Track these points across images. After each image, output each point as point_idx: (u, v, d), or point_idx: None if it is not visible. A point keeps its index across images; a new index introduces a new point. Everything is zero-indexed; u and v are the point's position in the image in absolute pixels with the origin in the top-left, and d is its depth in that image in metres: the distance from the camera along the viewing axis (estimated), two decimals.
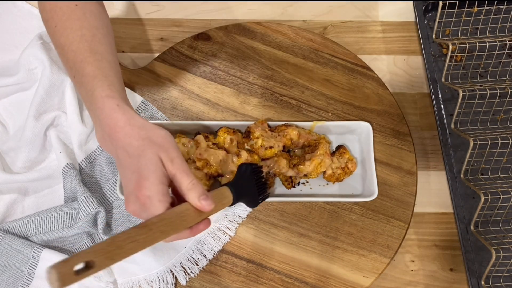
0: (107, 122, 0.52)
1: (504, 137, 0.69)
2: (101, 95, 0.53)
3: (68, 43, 0.56)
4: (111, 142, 0.53)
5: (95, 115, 0.54)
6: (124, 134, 0.51)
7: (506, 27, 0.83)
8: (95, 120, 0.55)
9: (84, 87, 0.55)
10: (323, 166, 0.69)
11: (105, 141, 0.54)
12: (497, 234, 0.70)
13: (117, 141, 0.51)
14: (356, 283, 0.67)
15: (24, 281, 0.66)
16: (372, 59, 0.83)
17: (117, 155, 0.52)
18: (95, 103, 0.53)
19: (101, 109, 0.53)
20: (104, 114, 0.52)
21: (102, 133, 0.54)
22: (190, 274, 0.67)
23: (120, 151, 0.51)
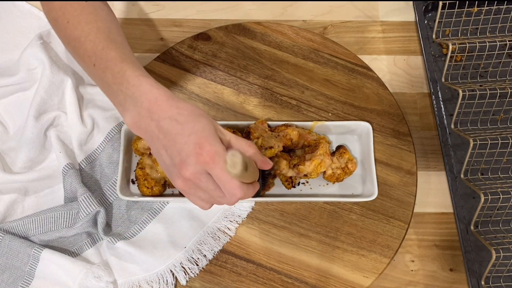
0: (146, 97, 0.51)
1: (504, 137, 0.69)
2: (134, 74, 0.53)
3: (84, 35, 0.57)
4: (151, 117, 0.51)
5: (127, 94, 0.53)
6: (169, 105, 0.51)
7: (506, 27, 0.83)
8: (126, 100, 0.53)
9: (111, 70, 0.54)
10: (323, 166, 0.69)
11: (141, 118, 0.52)
12: (497, 234, 0.70)
13: (161, 112, 0.50)
14: (356, 283, 0.67)
15: (24, 281, 0.66)
16: (372, 59, 0.83)
17: (160, 127, 0.50)
18: (127, 83, 0.53)
19: (136, 86, 0.52)
20: (142, 90, 0.52)
21: (138, 110, 0.52)
22: (190, 274, 0.67)
23: (166, 122, 0.50)
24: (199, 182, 0.50)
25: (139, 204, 0.71)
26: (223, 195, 0.51)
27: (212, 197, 0.52)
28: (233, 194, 0.50)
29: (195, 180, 0.50)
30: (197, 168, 0.49)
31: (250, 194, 0.52)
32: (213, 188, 0.50)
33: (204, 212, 0.70)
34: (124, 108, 0.54)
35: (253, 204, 0.71)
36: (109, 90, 0.56)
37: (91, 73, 0.58)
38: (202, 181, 0.50)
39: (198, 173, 0.49)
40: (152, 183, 0.69)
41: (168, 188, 0.72)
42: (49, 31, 0.77)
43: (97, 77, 0.57)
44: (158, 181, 0.70)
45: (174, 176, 0.51)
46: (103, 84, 0.57)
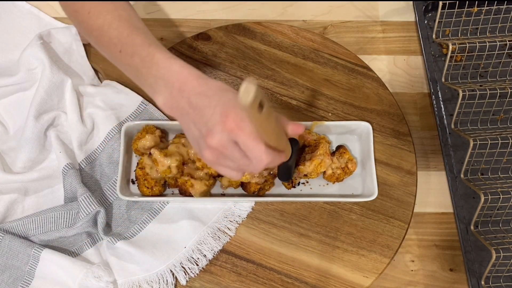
0: (177, 77, 0.53)
1: (504, 137, 0.69)
2: (164, 56, 0.55)
3: (107, 23, 0.58)
4: (181, 95, 0.53)
5: (157, 77, 0.55)
6: (199, 83, 0.53)
7: (506, 27, 0.83)
8: (157, 82, 0.55)
9: (139, 55, 0.56)
10: (323, 166, 0.69)
11: (173, 98, 0.54)
12: (497, 234, 0.70)
13: (191, 89, 0.52)
14: (356, 283, 0.67)
15: (24, 281, 0.66)
16: (372, 59, 0.83)
17: (190, 103, 0.52)
18: (157, 65, 0.54)
19: (167, 68, 0.54)
20: (173, 71, 0.54)
21: (170, 90, 0.54)
22: (190, 274, 0.67)
23: (195, 97, 0.52)
24: (225, 151, 0.50)
25: (139, 204, 0.71)
26: (249, 163, 0.51)
27: (239, 165, 0.52)
28: (259, 159, 0.50)
29: (221, 149, 0.50)
30: (223, 136, 0.50)
31: (276, 161, 0.52)
32: (239, 156, 0.51)
33: (204, 212, 0.70)
34: (155, 90, 0.55)
35: (253, 204, 0.71)
36: (137, 74, 0.57)
37: (117, 60, 0.59)
38: (228, 150, 0.50)
39: (224, 141, 0.50)
40: (152, 183, 0.69)
41: (168, 188, 0.72)
42: (49, 31, 0.77)
43: (123, 63, 0.58)
44: (158, 181, 0.70)
45: (202, 148, 0.52)
46: (130, 69, 0.58)
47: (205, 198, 0.69)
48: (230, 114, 0.49)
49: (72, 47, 0.78)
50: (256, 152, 0.49)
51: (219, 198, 0.71)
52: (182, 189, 0.68)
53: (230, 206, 0.71)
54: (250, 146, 0.49)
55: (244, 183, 0.69)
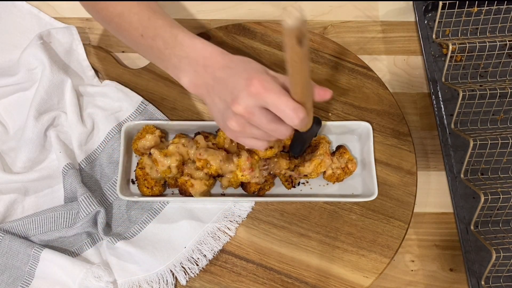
0: (201, 54, 0.54)
1: (504, 137, 0.69)
2: (187, 36, 0.56)
3: (127, 9, 0.59)
4: (206, 71, 0.54)
5: (181, 56, 0.56)
6: (222, 58, 0.54)
7: (506, 27, 0.83)
8: (181, 61, 0.56)
9: (161, 36, 0.57)
10: (323, 166, 0.69)
11: (198, 75, 0.55)
12: (497, 234, 0.70)
13: (216, 64, 0.54)
14: (356, 283, 0.67)
15: (24, 281, 0.66)
16: (372, 59, 0.83)
17: (214, 77, 0.53)
18: (181, 45, 0.56)
19: (191, 47, 0.55)
20: (197, 49, 0.55)
21: (194, 68, 0.55)
22: (190, 274, 0.67)
23: (220, 71, 0.53)
24: (252, 117, 0.50)
25: (139, 204, 0.71)
26: (277, 127, 0.51)
27: (267, 133, 0.52)
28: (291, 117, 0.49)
29: (247, 115, 0.50)
30: (250, 101, 0.49)
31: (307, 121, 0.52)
32: (267, 121, 0.50)
33: (204, 212, 0.70)
34: (179, 69, 0.56)
35: (253, 204, 0.71)
36: (160, 56, 0.58)
37: (139, 45, 0.60)
38: (255, 115, 0.50)
39: (251, 106, 0.50)
40: (152, 183, 0.69)
41: (168, 188, 0.72)
42: (49, 31, 0.77)
43: (145, 47, 0.59)
44: (158, 181, 0.70)
45: (227, 119, 0.52)
46: (152, 52, 0.59)
47: (205, 198, 0.69)
48: (254, 78, 0.49)
49: (72, 47, 0.78)
50: (287, 109, 0.48)
51: (219, 198, 0.71)
52: (182, 189, 0.68)
53: (230, 206, 0.71)
54: (281, 104, 0.48)
55: (244, 183, 0.69)
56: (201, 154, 0.67)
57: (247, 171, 0.67)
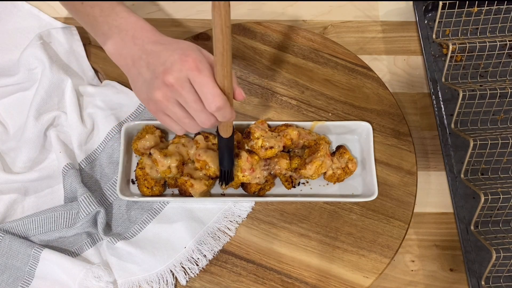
0: (132, 26, 0.56)
1: (504, 137, 0.69)
2: (125, 10, 0.57)
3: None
4: (134, 42, 0.55)
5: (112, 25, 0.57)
6: (153, 34, 0.55)
7: (506, 27, 0.83)
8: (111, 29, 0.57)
9: (100, 5, 0.58)
10: (324, 167, 0.69)
11: (124, 44, 0.56)
12: (497, 234, 0.70)
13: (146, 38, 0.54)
14: (356, 283, 0.67)
15: (24, 281, 0.66)
16: (372, 59, 0.83)
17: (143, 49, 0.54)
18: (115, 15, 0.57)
19: (125, 18, 0.56)
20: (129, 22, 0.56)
21: (122, 36, 0.56)
22: (190, 274, 0.67)
23: (150, 45, 0.54)
24: (181, 90, 0.51)
25: (139, 204, 0.71)
26: (201, 109, 0.51)
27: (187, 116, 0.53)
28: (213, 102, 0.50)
29: (177, 87, 0.51)
30: (181, 74, 0.50)
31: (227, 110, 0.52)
32: (193, 99, 0.51)
33: (204, 212, 0.70)
34: (107, 36, 0.57)
35: (253, 204, 0.71)
36: (93, 23, 0.59)
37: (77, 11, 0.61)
38: (184, 89, 0.50)
39: (182, 79, 0.50)
40: (152, 183, 0.69)
41: (168, 188, 0.72)
42: (49, 31, 0.77)
43: (83, 14, 0.60)
44: (158, 181, 0.70)
45: (154, 89, 0.52)
46: (88, 19, 0.60)
47: (205, 198, 0.69)
48: (190, 54, 0.50)
49: (72, 47, 0.78)
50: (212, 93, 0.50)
51: (219, 198, 0.71)
52: (182, 189, 0.68)
53: (230, 206, 0.71)
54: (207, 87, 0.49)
55: (245, 183, 0.69)
56: (200, 155, 0.67)
57: (247, 172, 0.67)
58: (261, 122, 0.71)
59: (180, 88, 0.51)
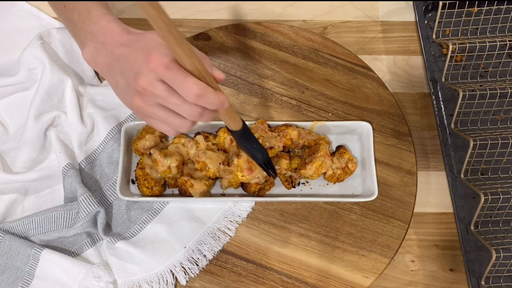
0: (102, 31, 0.55)
1: (504, 137, 0.69)
2: (98, 13, 0.56)
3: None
4: (105, 49, 0.54)
5: (87, 31, 0.56)
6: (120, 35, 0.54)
7: (506, 27, 0.83)
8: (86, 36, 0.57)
9: (78, 9, 0.57)
10: (324, 167, 0.69)
11: (98, 52, 0.55)
12: (497, 234, 0.70)
13: (114, 42, 0.54)
14: (356, 283, 0.67)
15: (24, 281, 0.66)
16: (372, 59, 0.83)
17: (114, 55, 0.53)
18: (90, 20, 0.56)
19: (97, 23, 0.56)
20: (100, 26, 0.55)
21: (95, 44, 0.55)
22: (190, 274, 0.67)
23: (118, 49, 0.53)
24: (154, 90, 0.49)
25: (139, 204, 0.71)
26: (181, 102, 0.49)
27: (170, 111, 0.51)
28: (189, 91, 0.48)
29: (149, 88, 0.49)
30: (150, 76, 0.49)
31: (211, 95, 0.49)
32: (169, 94, 0.49)
33: (204, 212, 0.70)
34: (83, 45, 0.57)
35: (253, 204, 0.71)
36: (74, 28, 0.59)
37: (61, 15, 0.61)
38: (157, 89, 0.49)
39: (152, 80, 0.49)
40: (152, 183, 0.69)
41: (168, 188, 0.72)
42: (49, 31, 0.77)
43: (65, 18, 0.60)
44: (158, 181, 0.70)
45: (131, 96, 0.51)
46: (69, 24, 0.60)
47: (205, 198, 0.69)
48: (152, 52, 0.48)
49: (72, 47, 0.78)
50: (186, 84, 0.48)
51: (219, 198, 0.71)
52: (182, 189, 0.68)
53: (230, 206, 0.71)
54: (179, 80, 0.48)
55: (244, 183, 0.69)
56: (199, 157, 0.67)
57: (246, 172, 0.67)
58: (261, 122, 0.71)
59: (154, 90, 0.49)
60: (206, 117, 0.52)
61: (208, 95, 0.49)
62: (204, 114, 0.51)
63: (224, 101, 0.50)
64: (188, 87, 0.48)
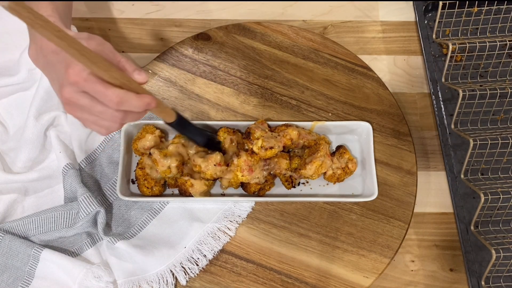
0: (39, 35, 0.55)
1: (504, 137, 0.69)
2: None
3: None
4: (42, 53, 0.56)
5: (31, 33, 0.59)
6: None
7: (506, 27, 0.83)
8: (31, 36, 0.59)
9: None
10: (324, 167, 0.69)
11: (37, 53, 0.57)
12: (497, 234, 0.70)
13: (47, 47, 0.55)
14: (356, 283, 0.67)
15: (24, 281, 0.66)
16: (372, 59, 0.83)
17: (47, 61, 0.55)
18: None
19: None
20: None
21: (36, 46, 0.57)
22: (190, 274, 0.67)
23: (50, 55, 0.54)
24: (78, 101, 0.51)
25: (139, 204, 0.71)
26: (104, 109, 0.51)
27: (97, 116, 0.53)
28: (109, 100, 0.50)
29: (73, 100, 0.51)
30: (71, 88, 0.51)
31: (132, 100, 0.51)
32: (93, 103, 0.51)
33: (204, 212, 0.70)
34: (30, 45, 0.59)
35: (253, 204, 0.71)
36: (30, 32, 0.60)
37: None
38: (80, 100, 0.51)
39: (73, 92, 0.51)
40: (152, 183, 0.69)
41: (168, 188, 0.72)
42: None
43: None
44: (158, 181, 0.70)
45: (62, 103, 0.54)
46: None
47: (205, 198, 0.69)
48: (70, 66, 0.50)
49: None
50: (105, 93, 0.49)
51: (219, 198, 0.71)
52: (182, 189, 0.68)
53: (230, 206, 0.71)
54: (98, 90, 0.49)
55: (244, 183, 0.69)
56: (195, 161, 0.67)
57: (246, 172, 0.67)
58: (261, 122, 0.71)
59: (77, 101, 0.51)
60: (132, 118, 0.54)
61: (129, 101, 0.51)
62: (128, 116, 0.54)
63: (149, 102, 0.52)
64: (108, 98, 0.50)
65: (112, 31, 0.84)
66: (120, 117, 0.53)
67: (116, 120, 0.53)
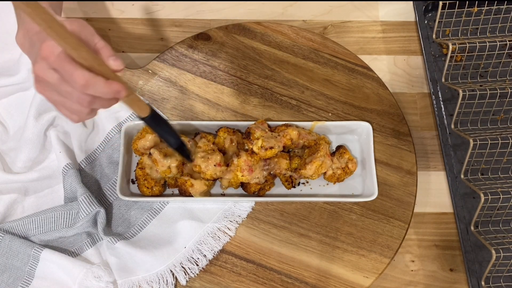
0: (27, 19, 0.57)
1: (504, 137, 0.69)
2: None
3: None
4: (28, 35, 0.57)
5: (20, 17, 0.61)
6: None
7: (506, 27, 0.83)
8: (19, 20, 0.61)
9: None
10: (324, 167, 0.69)
11: (24, 37, 0.58)
12: (497, 234, 0.70)
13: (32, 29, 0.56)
14: (356, 283, 0.67)
15: (24, 281, 0.66)
16: (372, 59, 0.83)
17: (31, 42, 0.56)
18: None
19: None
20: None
21: (23, 30, 0.59)
22: (190, 274, 0.67)
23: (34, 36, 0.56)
24: (47, 78, 0.51)
25: (139, 204, 0.71)
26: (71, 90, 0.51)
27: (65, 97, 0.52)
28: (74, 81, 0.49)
29: (42, 76, 0.51)
30: (43, 64, 0.50)
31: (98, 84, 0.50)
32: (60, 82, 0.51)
33: (204, 212, 0.70)
34: (18, 28, 0.61)
35: (253, 204, 0.71)
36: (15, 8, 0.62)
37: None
38: (49, 76, 0.51)
39: (44, 68, 0.51)
40: (152, 183, 0.69)
41: (168, 188, 0.72)
42: None
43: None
44: (158, 181, 0.70)
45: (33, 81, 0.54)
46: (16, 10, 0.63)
47: (205, 198, 0.69)
48: (45, 41, 0.50)
49: None
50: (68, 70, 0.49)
51: (219, 198, 0.71)
52: (182, 189, 0.68)
53: (230, 206, 0.71)
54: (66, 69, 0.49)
55: (244, 183, 0.69)
56: (195, 161, 0.67)
57: (246, 172, 0.67)
58: (261, 122, 0.71)
59: (46, 77, 0.51)
60: (99, 104, 0.53)
61: (96, 85, 0.50)
62: (95, 102, 0.52)
63: (119, 90, 0.51)
64: (74, 78, 0.49)
65: (112, 31, 0.84)
66: (87, 101, 0.51)
67: (83, 104, 0.52)
